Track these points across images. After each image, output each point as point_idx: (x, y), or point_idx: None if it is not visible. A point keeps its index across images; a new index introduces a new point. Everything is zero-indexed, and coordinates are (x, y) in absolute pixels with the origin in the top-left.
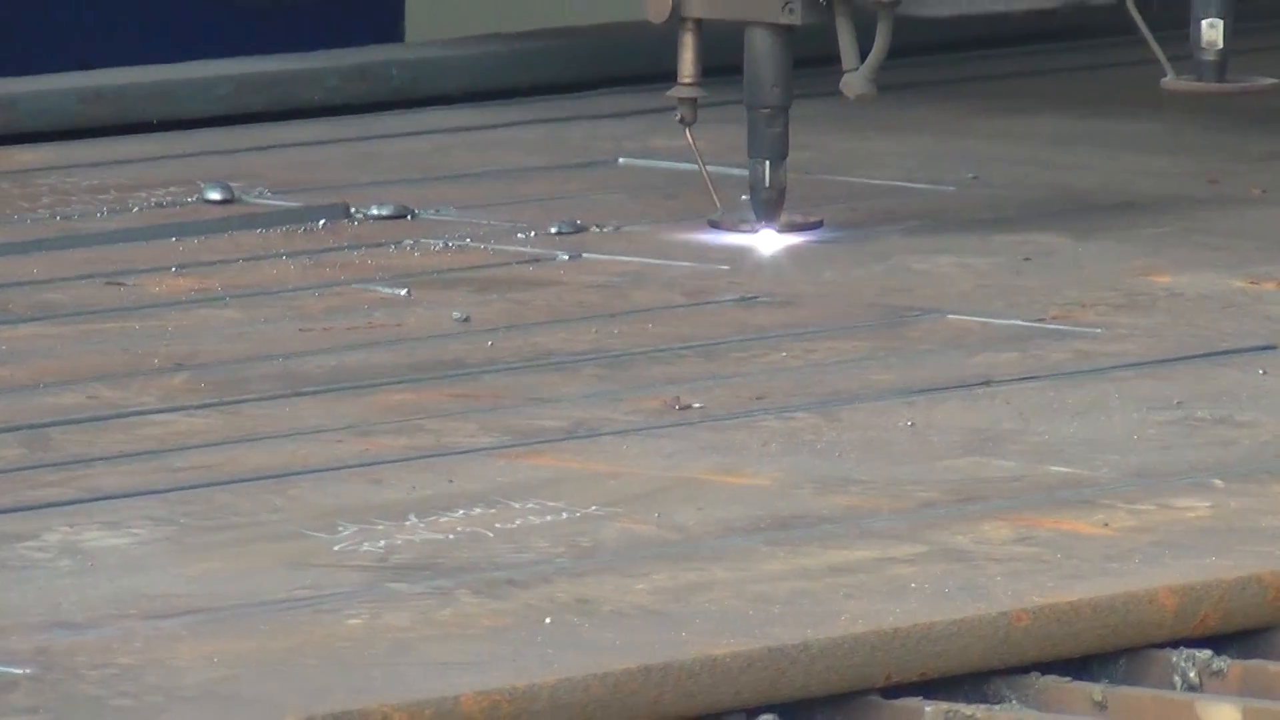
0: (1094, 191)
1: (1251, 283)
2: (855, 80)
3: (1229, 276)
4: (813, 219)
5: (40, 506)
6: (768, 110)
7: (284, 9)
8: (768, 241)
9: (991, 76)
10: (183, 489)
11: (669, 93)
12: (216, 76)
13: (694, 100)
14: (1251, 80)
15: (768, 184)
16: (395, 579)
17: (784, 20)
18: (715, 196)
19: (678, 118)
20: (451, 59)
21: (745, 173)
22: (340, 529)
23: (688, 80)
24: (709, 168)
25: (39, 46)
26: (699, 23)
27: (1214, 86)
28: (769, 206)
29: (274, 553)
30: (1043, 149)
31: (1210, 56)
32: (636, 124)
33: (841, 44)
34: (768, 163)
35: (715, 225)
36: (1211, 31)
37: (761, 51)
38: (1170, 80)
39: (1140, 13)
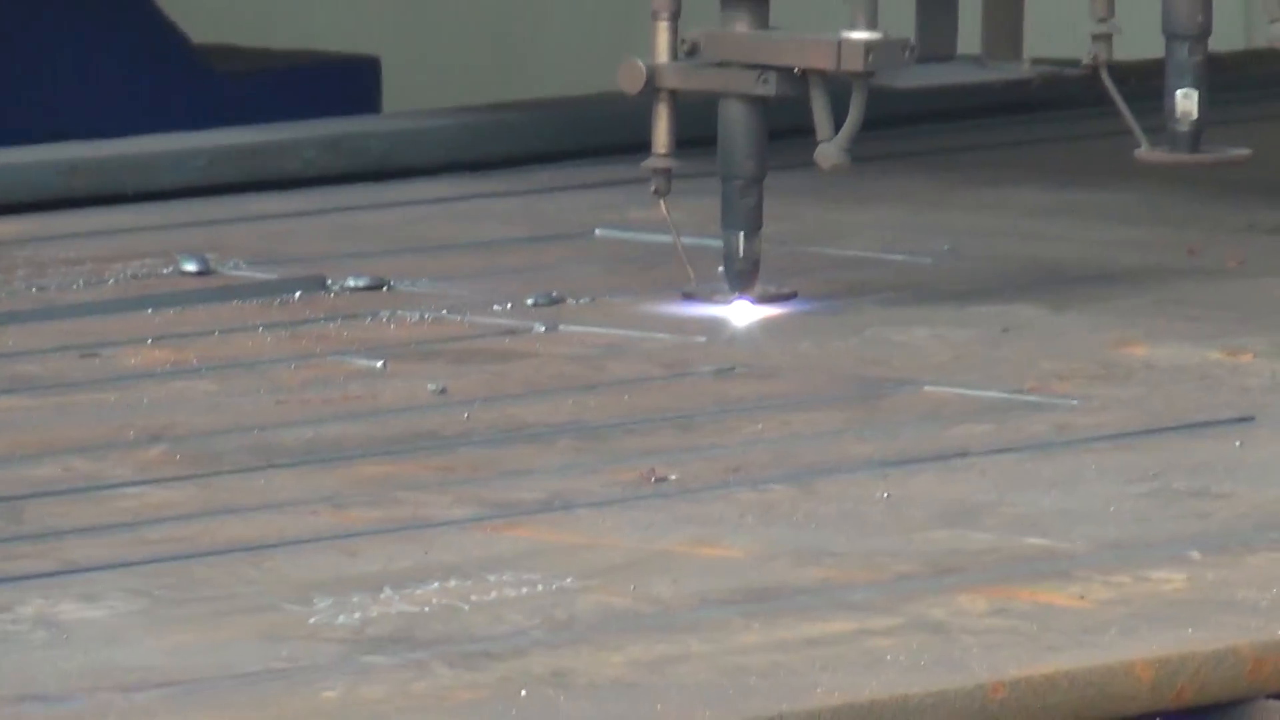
0: (1071, 263)
1: (1228, 354)
2: (830, 150)
3: (1206, 348)
4: (786, 290)
5: (14, 579)
6: (741, 181)
7: (262, 80)
8: (742, 313)
9: (969, 148)
10: (157, 561)
11: (643, 164)
12: (193, 148)
13: (668, 171)
14: (1226, 151)
15: (741, 255)
16: (371, 651)
17: (758, 91)
18: (689, 268)
19: (652, 189)
20: (428, 130)
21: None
22: (315, 601)
23: (662, 152)
24: (684, 239)
25: (15, 119)
26: (673, 94)
27: (1188, 157)
28: (743, 278)
29: (249, 625)
30: (1020, 220)
31: (1184, 127)
32: (613, 195)
33: (816, 115)
34: (742, 234)
35: (689, 297)
36: (1186, 102)
37: (735, 123)
38: (1145, 151)
39: (1116, 84)
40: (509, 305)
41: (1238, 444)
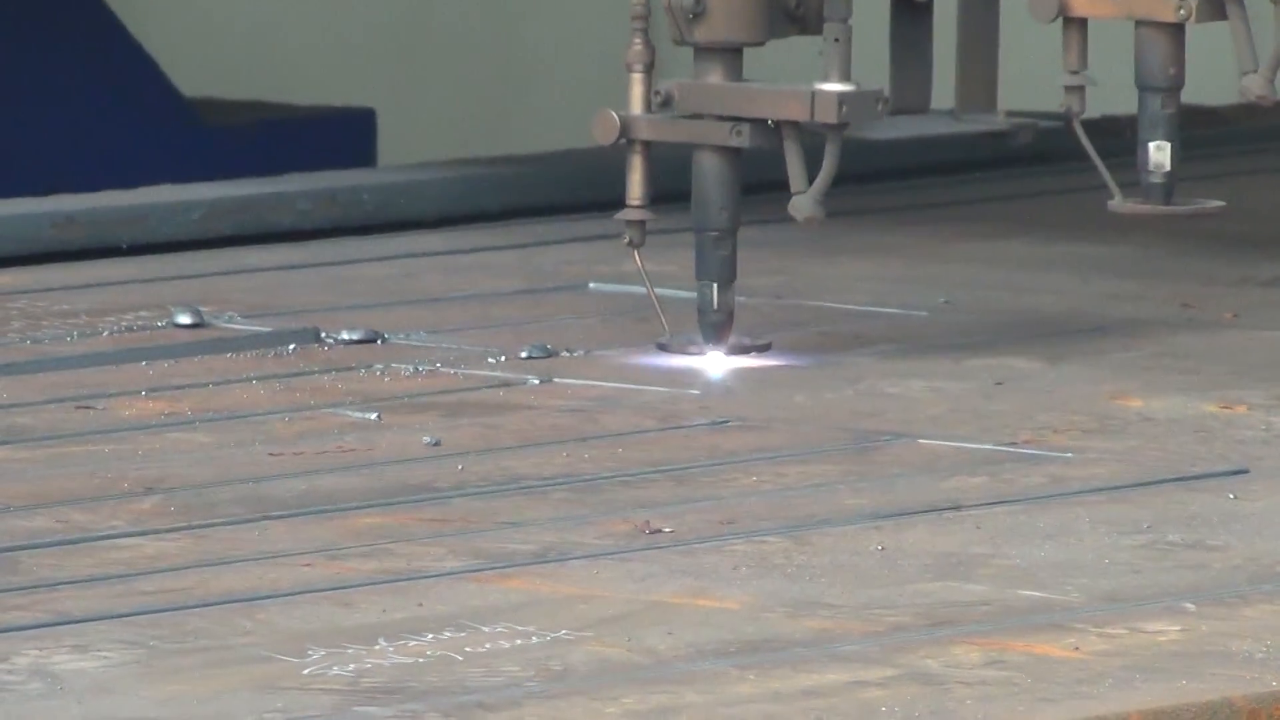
0: (1066, 316)
1: (1223, 407)
2: (803, 202)
3: (1201, 401)
4: (761, 341)
5: (9, 630)
6: (715, 233)
7: (256, 133)
8: (716, 364)
9: (963, 201)
10: (152, 612)
11: (617, 215)
12: (188, 200)
13: (642, 223)
14: (1199, 203)
15: (715, 306)
16: (365, 703)
17: (732, 143)
18: (663, 319)
19: (625, 240)
20: (422, 183)
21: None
22: (310, 653)
23: (635, 203)
24: (669, 291)
25: (10, 172)
26: (647, 146)
27: (1161, 209)
28: (717, 329)
29: (243, 676)
30: (1014, 273)
31: (1157, 179)
32: (607, 249)
33: (790, 167)
34: (715, 285)
35: (663, 348)
36: (1159, 154)
37: (709, 175)
38: (1118, 203)
39: (1109, 138)
40: (503, 358)
41: (1232, 496)
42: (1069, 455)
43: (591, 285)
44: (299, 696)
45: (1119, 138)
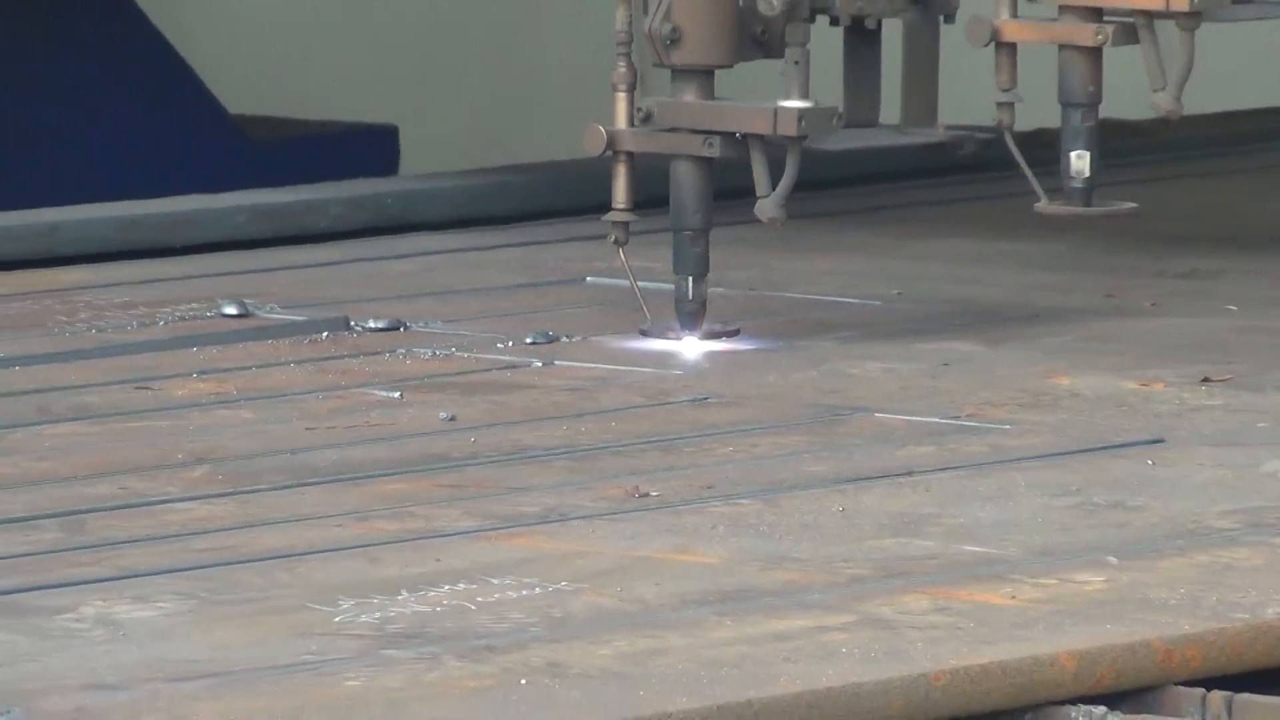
0: (1003, 305)
1: (1142, 384)
2: (767, 205)
3: (1122, 379)
4: (731, 327)
5: (77, 583)
6: (690, 232)
7: (293, 146)
8: (691, 348)
9: (914, 205)
10: (202, 567)
11: (603, 218)
12: (233, 206)
13: (626, 224)
14: (1114, 205)
15: (690, 297)
16: (389, 646)
17: (704, 153)
18: (645, 308)
19: (611, 240)
20: (440, 190)
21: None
22: (341, 602)
23: (620, 206)
24: (651, 284)
25: (79, 182)
26: (630, 155)
27: (1081, 210)
28: (692, 317)
29: (282, 623)
30: (958, 268)
31: (1078, 184)
32: (601, 247)
33: (755, 174)
34: (691, 278)
35: (645, 334)
36: (1079, 162)
37: (685, 181)
38: (1044, 205)
39: (1043, 149)
40: (510, 343)
41: (1150, 463)
42: (1007, 427)
43: (588, 279)
44: (331, 641)
45: (1051, 148)
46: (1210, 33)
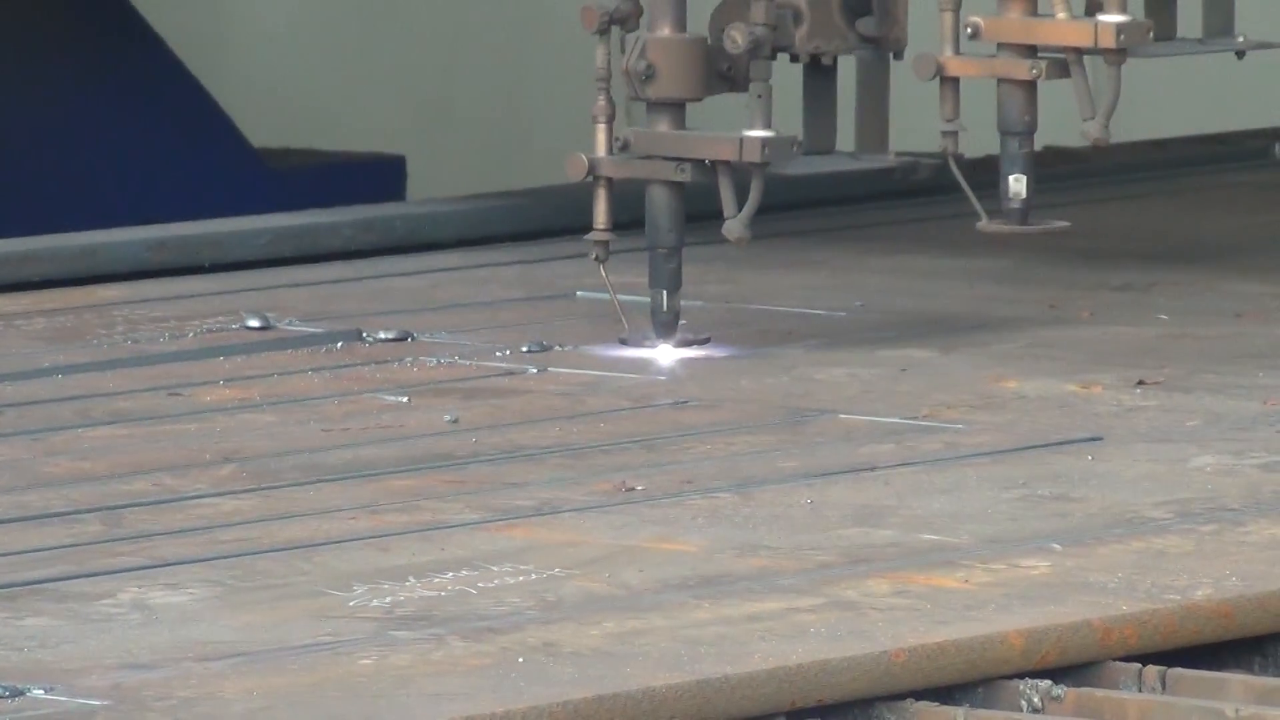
0: (955, 315)
1: (1082, 387)
2: (734, 226)
3: (1064, 382)
4: (701, 336)
5: (115, 572)
6: (664, 250)
7: (310, 174)
8: (665, 355)
9: (874, 225)
10: (228, 557)
11: (585, 237)
12: (255, 229)
13: (606, 243)
14: (1048, 223)
15: (665, 309)
16: (398, 628)
17: (676, 178)
18: (624, 319)
19: (593, 257)
20: (444, 213)
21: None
22: (354, 588)
23: (601, 227)
24: (625, 296)
25: (114, 208)
26: (610, 180)
27: (1019, 229)
28: (666, 327)
29: (301, 608)
30: (914, 282)
31: (1016, 205)
32: (590, 265)
33: (723, 197)
34: (665, 292)
35: (623, 342)
36: (1017, 185)
37: (659, 203)
38: (984, 224)
39: (990, 173)
40: (508, 352)
41: (1090, 458)
42: (959, 426)
43: (578, 293)
44: (345, 623)
45: (993, 172)
46: (1137, 66)
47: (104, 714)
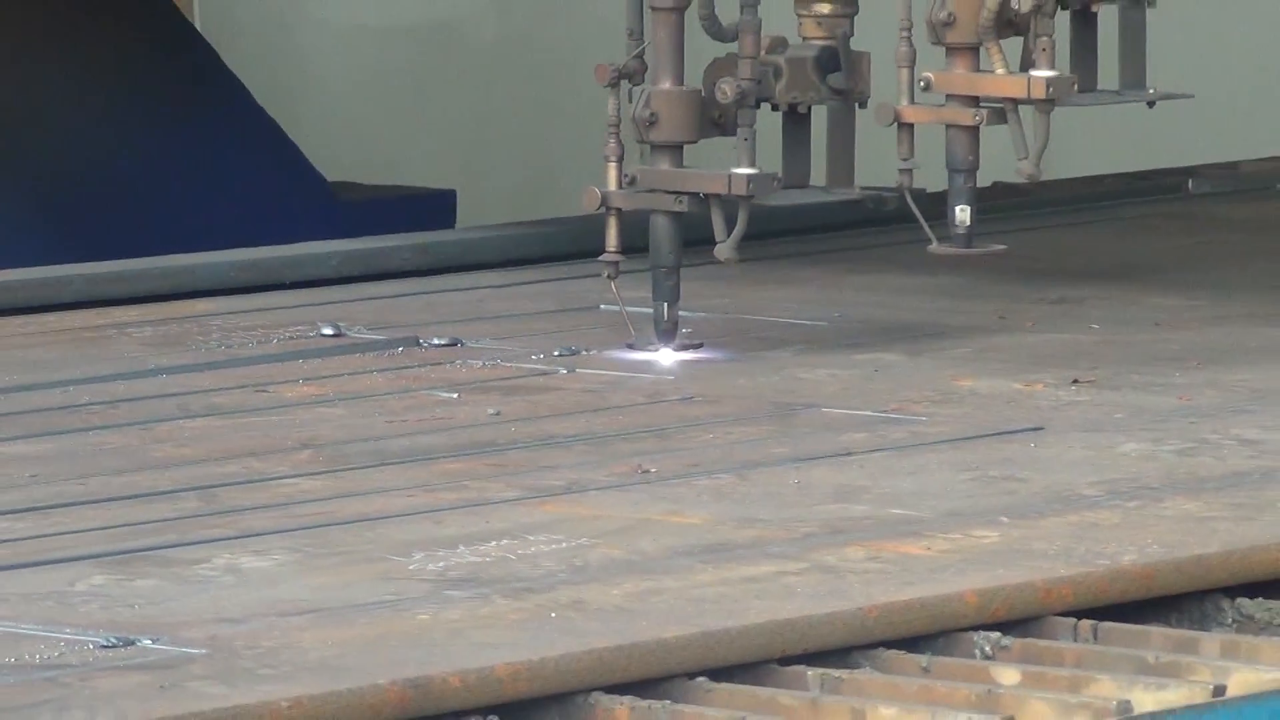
0: (919, 324)
1: (1026, 385)
2: (724, 248)
3: (1011, 381)
4: (695, 342)
5: (210, 541)
6: (665, 269)
7: (374, 205)
8: (666, 357)
9: (849, 248)
10: (306, 529)
11: (599, 258)
12: (328, 252)
13: (616, 263)
14: (989, 247)
15: (665, 319)
16: (450, 589)
17: (675, 209)
18: (631, 328)
19: (605, 275)
20: (487, 239)
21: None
22: (413, 555)
23: (612, 249)
24: (628, 308)
25: (209, 235)
26: (620, 211)
27: (964, 251)
28: (667, 334)
29: (367, 571)
30: (886, 297)
31: (961, 231)
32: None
33: (714, 224)
34: (665, 304)
35: (630, 347)
36: (962, 214)
37: (661, 230)
38: (935, 247)
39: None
40: (542, 356)
41: (1033, 445)
42: (923, 418)
43: (601, 306)
44: (405, 584)
45: (944, 204)
46: (1067, 114)
47: (202, 660)
